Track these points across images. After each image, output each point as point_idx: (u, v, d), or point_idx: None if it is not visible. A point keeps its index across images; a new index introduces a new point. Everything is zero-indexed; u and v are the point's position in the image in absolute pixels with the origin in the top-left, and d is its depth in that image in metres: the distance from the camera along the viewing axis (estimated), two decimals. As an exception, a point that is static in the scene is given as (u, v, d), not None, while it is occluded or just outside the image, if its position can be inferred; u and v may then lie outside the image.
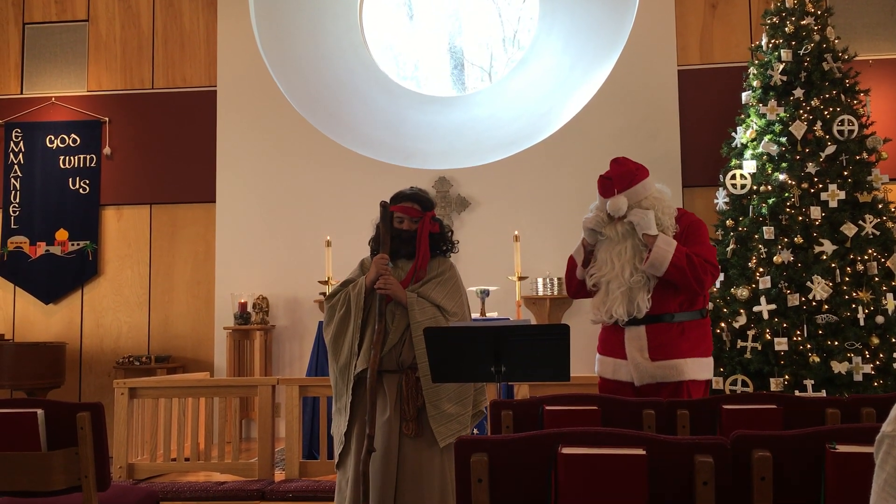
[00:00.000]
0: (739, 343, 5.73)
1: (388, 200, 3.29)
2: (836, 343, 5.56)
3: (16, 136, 7.87)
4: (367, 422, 3.05)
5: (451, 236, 3.40)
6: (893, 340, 5.59)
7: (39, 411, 2.84)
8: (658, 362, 3.19)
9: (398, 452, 3.12)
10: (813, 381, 5.49)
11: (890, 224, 5.86)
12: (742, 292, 5.77)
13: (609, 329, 3.39)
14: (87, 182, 7.78)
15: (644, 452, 1.78)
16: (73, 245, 7.72)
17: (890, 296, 5.64)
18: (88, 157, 7.81)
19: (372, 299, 3.20)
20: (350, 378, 3.17)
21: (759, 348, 5.65)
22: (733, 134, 6.47)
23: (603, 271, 3.31)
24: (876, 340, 5.55)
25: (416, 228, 3.26)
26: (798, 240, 5.78)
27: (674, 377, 3.19)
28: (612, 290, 3.28)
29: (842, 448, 1.82)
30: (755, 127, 6.24)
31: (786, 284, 5.73)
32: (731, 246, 6.01)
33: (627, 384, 3.26)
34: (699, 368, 3.24)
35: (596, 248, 3.39)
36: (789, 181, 5.94)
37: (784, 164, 6.02)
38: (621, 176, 3.31)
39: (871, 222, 5.79)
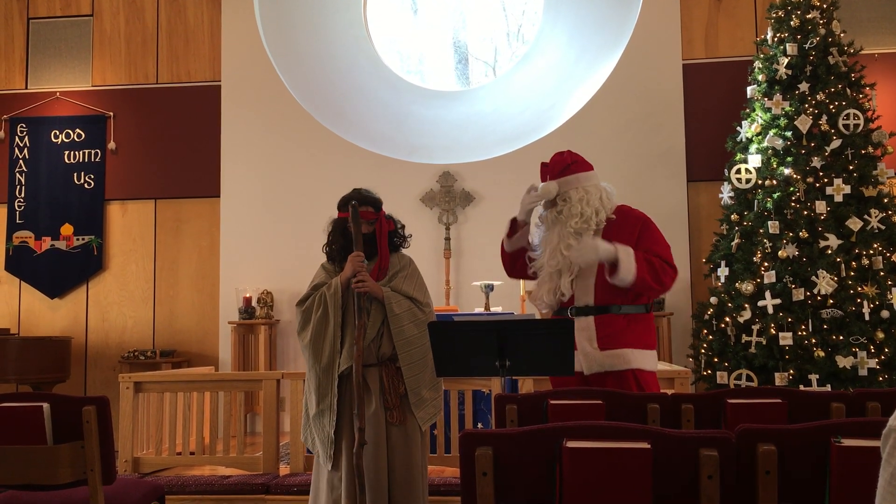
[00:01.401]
0: (744, 338, 5.73)
1: (356, 202, 3.34)
2: (841, 338, 5.55)
3: (21, 131, 7.88)
4: (357, 416, 3.10)
5: (403, 230, 3.52)
6: (899, 335, 5.59)
7: (45, 405, 2.85)
8: (606, 351, 3.27)
9: (387, 442, 3.20)
10: (818, 376, 5.48)
11: (895, 218, 5.84)
12: (747, 287, 5.76)
13: None
14: (92, 177, 7.79)
15: (649, 446, 1.78)
16: (78, 240, 7.73)
17: (895, 290, 5.62)
18: (93, 151, 7.82)
19: (348, 297, 3.28)
20: (335, 377, 3.23)
21: (764, 343, 5.65)
22: (738, 128, 6.45)
23: (534, 259, 3.44)
24: (881, 335, 5.54)
25: (373, 230, 3.38)
26: (803, 234, 5.77)
27: (621, 366, 3.26)
28: (541, 277, 3.40)
29: (847, 442, 1.82)
30: (760, 121, 6.22)
31: (791, 279, 5.72)
32: (736, 240, 6.00)
33: (577, 373, 3.31)
34: (644, 359, 3.31)
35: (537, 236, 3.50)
36: (794, 175, 5.93)
37: (789, 159, 6.01)
38: (555, 164, 3.45)
39: (876, 217, 5.78)
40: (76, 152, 7.83)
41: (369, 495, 3.10)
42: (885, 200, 5.89)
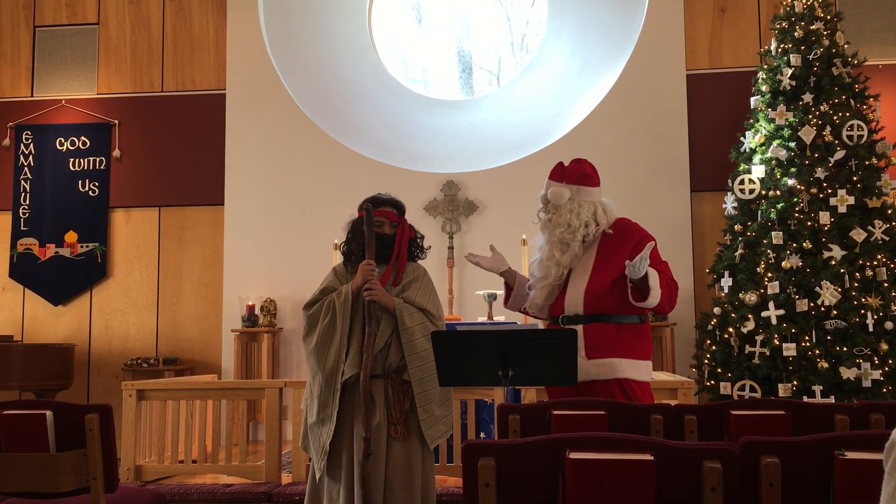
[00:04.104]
0: (748, 348, 5.72)
1: (371, 205, 3.29)
2: (845, 349, 5.54)
3: (26, 138, 7.91)
4: (364, 425, 3.04)
5: (422, 241, 3.46)
6: (902, 346, 5.57)
7: (48, 413, 2.85)
8: (594, 360, 3.24)
9: (387, 456, 3.12)
10: (821, 387, 5.47)
11: (899, 229, 5.84)
12: (750, 297, 5.75)
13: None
14: (97, 184, 7.81)
15: (652, 458, 1.77)
16: (82, 247, 7.75)
17: (899, 301, 5.61)
18: (98, 159, 7.84)
19: (357, 305, 3.21)
20: (337, 387, 3.14)
21: (768, 354, 5.63)
22: (742, 138, 6.45)
23: (532, 269, 3.46)
24: (885, 346, 5.52)
25: (394, 233, 3.33)
26: (807, 245, 5.76)
27: (607, 375, 3.23)
28: (537, 285, 3.43)
29: (851, 455, 1.81)
30: (764, 131, 6.22)
31: (794, 290, 5.71)
32: (740, 251, 5.99)
33: None
34: (634, 369, 3.27)
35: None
36: (798, 186, 5.93)
37: (793, 169, 6.01)
38: (574, 171, 3.41)
39: (880, 228, 5.77)
40: (81, 160, 7.85)
41: None
42: (889, 211, 5.88)
